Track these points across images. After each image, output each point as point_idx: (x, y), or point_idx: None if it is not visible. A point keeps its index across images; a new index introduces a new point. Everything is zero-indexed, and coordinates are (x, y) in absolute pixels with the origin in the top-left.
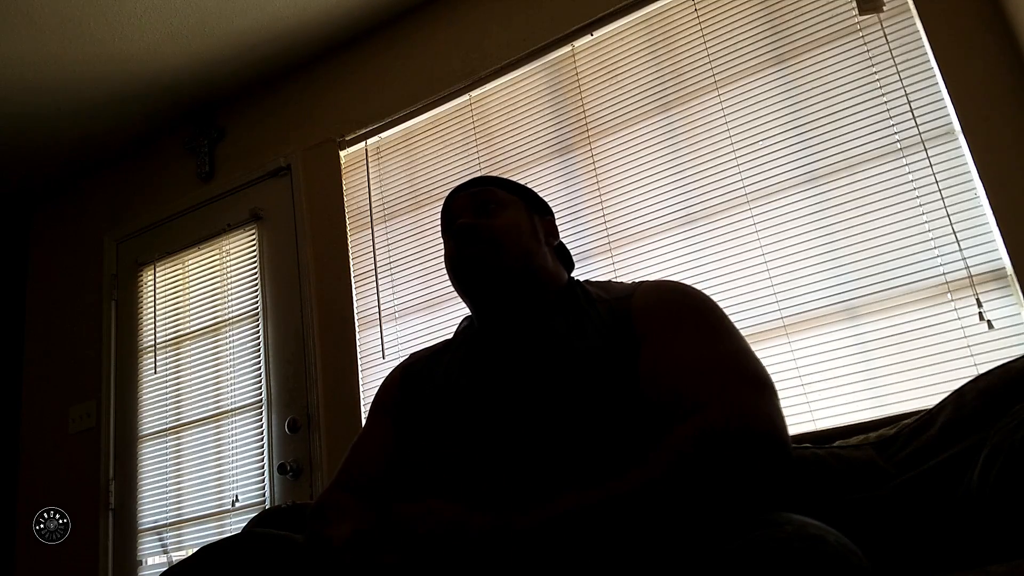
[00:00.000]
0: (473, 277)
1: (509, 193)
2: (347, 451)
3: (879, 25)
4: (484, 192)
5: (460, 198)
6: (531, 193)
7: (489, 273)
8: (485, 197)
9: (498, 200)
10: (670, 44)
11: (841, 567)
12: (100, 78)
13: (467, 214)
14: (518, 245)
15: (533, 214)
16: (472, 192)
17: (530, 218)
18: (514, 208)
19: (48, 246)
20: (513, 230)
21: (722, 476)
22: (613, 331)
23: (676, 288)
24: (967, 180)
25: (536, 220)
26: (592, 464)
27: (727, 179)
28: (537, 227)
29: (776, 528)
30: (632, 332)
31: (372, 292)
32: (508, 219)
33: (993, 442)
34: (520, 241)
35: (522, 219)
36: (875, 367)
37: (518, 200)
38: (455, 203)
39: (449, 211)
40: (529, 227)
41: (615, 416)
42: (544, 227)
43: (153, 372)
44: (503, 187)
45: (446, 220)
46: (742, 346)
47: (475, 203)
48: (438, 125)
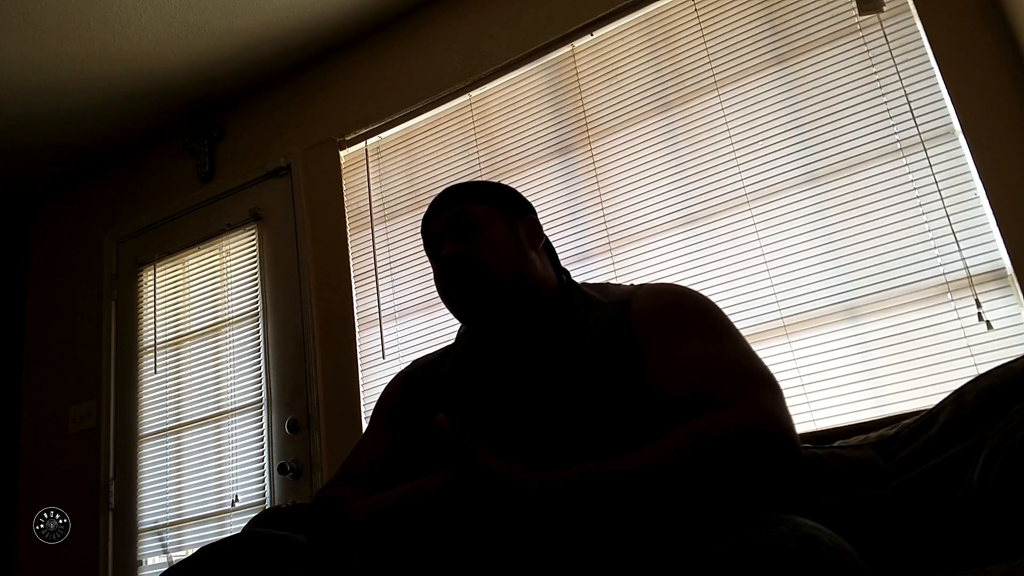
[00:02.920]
0: (465, 307)
1: (486, 205)
2: (348, 453)
3: (879, 25)
4: (461, 214)
5: (438, 220)
6: (506, 195)
7: (481, 301)
8: (463, 220)
9: (476, 219)
10: (670, 44)
11: (835, 567)
12: (100, 78)
13: (447, 242)
14: (504, 265)
15: (513, 220)
16: (449, 214)
17: (511, 228)
18: (493, 223)
19: (48, 246)
20: (496, 251)
21: (735, 470)
22: (611, 336)
23: (676, 292)
24: (967, 180)
25: (517, 227)
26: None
27: (727, 179)
28: (520, 235)
29: (771, 528)
30: (631, 337)
31: (372, 292)
32: (489, 239)
33: (993, 442)
34: (505, 260)
35: (503, 234)
36: (875, 367)
37: (495, 211)
38: (433, 224)
39: (429, 233)
40: (512, 239)
41: (615, 421)
42: (526, 230)
43: (153, 372)
44: (478, 199)
45: (427, 241)
46: (746, 348)
47: (453, 226)
48: (438, 125)
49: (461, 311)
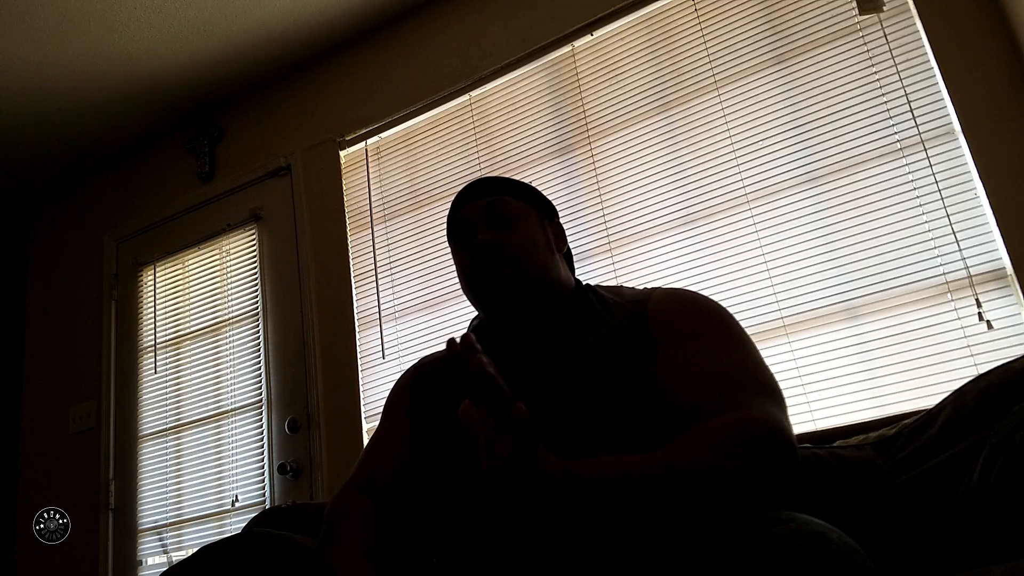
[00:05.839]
0: (495, 296)
1: (521, 201)
2: (363, 451)
3: (879, 25)
4: (499, 203)
5: (473, 207)
6: (540, 196)
7: (511, 292)
8: (500, 208)
9: (514, 212)
10: (670, 44)
11: (844, 564)
12: (100, 78)
13: (483, 228)
14: (537, 261)
15: (544, 221)
16: (488, 202)
17: (543, 228)
18: (529, 220)
19: (48, 246)
20: (531, 246)
21: (745, 472)
22: (628, 333)
23: (695, 297)
24: (967, 180)
25: (547, 228)
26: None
27: (727, 179)
28: (550, 237)
29: (780, 525)
30: (649, 334)
31: (372, 292)
32: (525, 234)
33: (993, 442)
34: (538, 257)
35: (537, 231)
36: (875, 367)
37: (530, 208)
38: (468, 211)
39: (461, 219)
40: (544, 239)
41: (633, 415)
42: (554, 233)
43: (153, 372)
44: (515, 193)
45: (458, 228)
46: (757, 357)
47: (490, 215)
48: (438, 125)
49: (486, 299)
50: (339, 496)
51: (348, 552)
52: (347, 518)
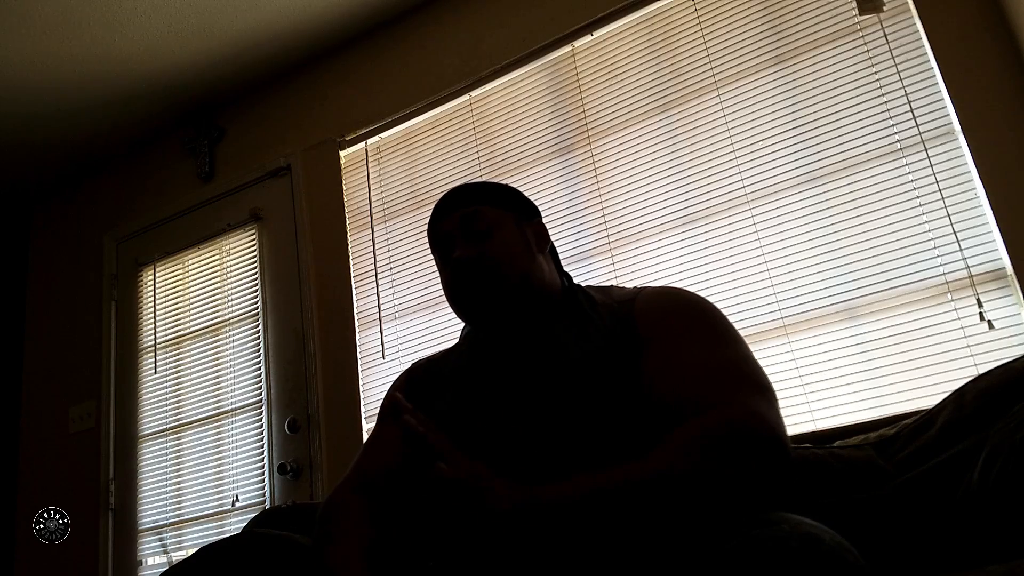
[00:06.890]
0: (476, 310)
1: (497, 207)
2: (358, 452)
3: (879, 25)
4: (472, 215)
5: (449, 220)
6: (516, 198)
7: (491, 305)
8: (474, 221)
9: (489, 222)
10: (670, 44)
11: (837, 566)
12: (100, 78)
13: (459, 242)
14: (516, 269)
15: (523, 224)
16: (462, 215)
17: (521, 232)
18: (505, 226)
19: (48, 246)
20: (509, 254)
21: (726, 473)
22: (616, 334)
23: (681, 294)
24: (967, 180)
25: (527, 231)
26: (601, 465)
27: (727, 179)
28: (529, 239)
29: (773, 527)
30: (636, 334)
31: (372, 292)
32: (502, 243)
33: (993, 442)
34: (516, 264)
35: (514, 237)
36: (875, 367)
37: (506, 214)
38: (444, 225)
39: (439, 232)
40: (522, 243)
41: (622, 418)
42: (534, 233)
43: (153, 372)
44: (490, 201)
45: (436, 240)
46: (746, 352)
47: (465, 228)
48: (438, 125)
49: (471, 314)
50: (333, 496)
51: (342, 551)
52: (341, 517)
